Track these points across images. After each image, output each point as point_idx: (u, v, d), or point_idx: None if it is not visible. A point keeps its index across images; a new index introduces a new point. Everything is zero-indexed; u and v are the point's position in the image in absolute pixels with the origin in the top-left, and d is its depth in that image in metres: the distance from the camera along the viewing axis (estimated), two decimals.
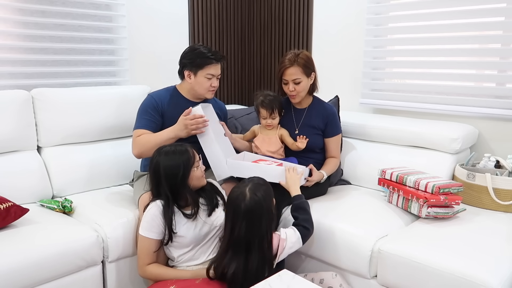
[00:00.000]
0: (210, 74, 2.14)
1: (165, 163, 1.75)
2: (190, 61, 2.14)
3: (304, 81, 2.20)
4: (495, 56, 2.38)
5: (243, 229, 1.62)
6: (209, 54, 2.13)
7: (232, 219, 1.66)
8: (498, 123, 2.38)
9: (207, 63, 2.12)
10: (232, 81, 3.55)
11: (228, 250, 1.66)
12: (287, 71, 2.18)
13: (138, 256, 1.81)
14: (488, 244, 1.72)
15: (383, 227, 1.91)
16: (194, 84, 2.16)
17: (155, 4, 2.95)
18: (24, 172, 2.17)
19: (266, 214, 1.66)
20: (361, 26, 2.83)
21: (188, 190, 1.79)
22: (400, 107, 2.68)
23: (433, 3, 2.50)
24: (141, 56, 2.86)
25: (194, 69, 2.13)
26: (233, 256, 1.64)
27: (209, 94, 2.20)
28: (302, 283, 1.43)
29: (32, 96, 2.27)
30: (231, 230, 1.66)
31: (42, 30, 2.49)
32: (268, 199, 1.69)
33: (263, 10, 3.41)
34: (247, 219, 1.63)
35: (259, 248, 1.64)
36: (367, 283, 1.84)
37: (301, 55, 2.19)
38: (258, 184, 1.71)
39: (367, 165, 2.45)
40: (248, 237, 1.63)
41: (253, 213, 1.63)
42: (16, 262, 1.63)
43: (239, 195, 1.66)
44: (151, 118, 2.13)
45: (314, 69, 2.26)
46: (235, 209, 1.65)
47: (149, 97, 2.20)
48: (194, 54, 2.14)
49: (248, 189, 1.66)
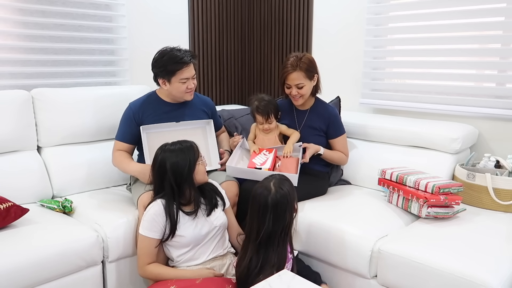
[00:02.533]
0: (183, 78, 2.10)
1: (172, 159, 1.76)
2: (161, 70, 2.11)
3: (307, 85, 2.21)
4: (495, 56, 2.38)
5: (271, 222, 1.67)
6: (178, 59, 2.07)
7: (258, 213, 1.69)
8: (498, 123, 2.38)
9: (178, 69, 2.07)
10: (232, 81, 3.55)
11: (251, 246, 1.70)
12: (290, 76, 2.18)
13: (138, 256, 1.81)
14: (488, 244, 1.72)
15: (383, 227, 1.91)
16: (171, 90, 2.15)
17: (155, 4, 2.95)
18: (24, 172, 2.17)
19: (290, 207, 1.72)
20: (361, 26, 2.83)
21: (192, 186, 1.80)
22: (400, 107, 2.68)
23: (433, 3, 2.50)
24: (141, 56, 2.86)
25: (166, 76, 2.10)
26: (257, 250, 1.69)
27: (187, 96, 2.18)
28: (302, 283, 1.43)
29: (32, 96, 2.27)
30: (258, 225, 1.69)
31: (42, 30, 2.49)
32: (292, 193, 1.75)
33: (263, 10, 3.41)
34: (274, 211, 1.67)
35: (282, 241, 1.70)
36: (367, 283, 1.84)
37: (303, 59, 2.19)
38: (282, 179, 1.76)
39: (367, 165, 2.45)
40: (274, 230, 1.68)
41: (280, 206, 1.68)
42: (16, 262, 1.63)
43: (264, 190, 1.70)
44: (126, 129, 2.18)
45: (317, 70, 2.26)
46: (262, 203, 1.68)
47: (127, 108, 2.21)
48: (163, 62, 2.09)
49: (272, 184, 1.71)
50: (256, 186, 1.76)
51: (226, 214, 1.95)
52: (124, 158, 2.16)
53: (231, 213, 2.02)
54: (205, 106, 2.34)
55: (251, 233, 1.72)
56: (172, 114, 2.21)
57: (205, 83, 3.36)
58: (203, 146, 2.22)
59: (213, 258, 1.87)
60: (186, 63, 2.08)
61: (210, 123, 2.28)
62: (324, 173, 2.39)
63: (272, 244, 1.69)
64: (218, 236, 1.89)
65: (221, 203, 1.93)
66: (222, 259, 1.89)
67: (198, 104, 2.30)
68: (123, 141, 2.18)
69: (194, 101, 2.28)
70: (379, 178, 2.20)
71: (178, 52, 2.10)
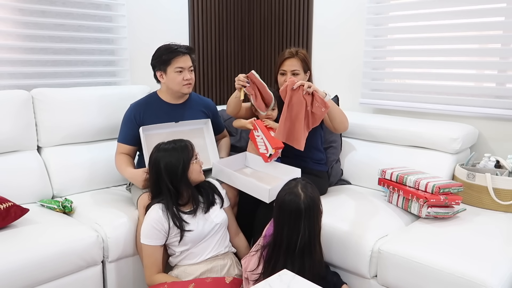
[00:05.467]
0: (179, 67, 2.11)
1: (165, 159, 1.77)
2: (157, 61, 2.15)
3: (301, 75, 2.26)
4: (495, 56, 2.38)
5: (306, 229, 1.62)
6: (173, 49, 2.11)
7: (290, 221, 1.63)
8: (498, 123, 2.38)
9: (173, 57, 2.10)
10: (232, 81, 3.54)
11: (281, 258, 1.64)
12: (287, 62, 2.25)
13: (145, 266, 1.81)
14: (488, 244, 1.72)
15: (383, 227, 1.91)
16: (168, 82, 2.16)
17: (155, 4, 2.95)
18: (24, 172, 2.17)
19: (319, 210, 1.69)
20: (361, 26, 2.83)
21: (188, 185, 1.80)
22: (400, 107, 2.68)
23: (433, 3, 2.50)
24: (141, 56, 2.86)
25: (162, 67, 2.14)
26: (290, 263, 1.63)
27: (184, 88, 2.17)
28: (302, 283, 1.43)
29: (32, 96, 2.27)
30: (290, 234, 1.63)
31: (42, 30, 2.49)
32: (318, 195, 1.71)
33: (263, 10, 3.41)
34: (308, 217, 1.63)
35: (314, 249, 1.66)
36: (367, 283, 1.84)
37: (301, 51, 2.28)
38: (306, 183, 1.71)
39: (367, 165, 2.45)
40: (309, 236, 1.63)
41: (312, 210, 1.64)
42: (16, 262, 1.63)
43: (294, 197, 1.64)
44: (128, 131, 2.18)
45: (310, 67, 2.32)
46: (293, 210, 1.62)
47: (128, 109, 2.23)
48: (159, 52, 2.15)
49: (300, 189, 1.66)
50: (282, 194, 1.69)
51: (225, 212, 1.95)
52: (122, 162, 2.15)
53: (230, 213, 2.02)
54: (205, 107, 2.34)
55: (283, 243, 1.65)
56: (173, 114, 2.21)
57: (205, 83, 3.35)
58: (201, 146, 2.22)
59: (214, 257, 1.87)
60: (181, 52, 2.11)
61: (208, 122, 2.28)
62: (324, 173, 2.39)
63: (308, 252, 1.64)
64: (218, 233, 1.89)
65: (219, 201, 1.93)
66: (223, 258, 1.89)
67: (198, 105, 2.31)
68: (125, 143, 2.19)
69: (194, 102, 2.29)
70: (379, 178, 2.21)
71: (175, 44, 2.15)
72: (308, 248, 1.65)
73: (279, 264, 1.64)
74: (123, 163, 2.15)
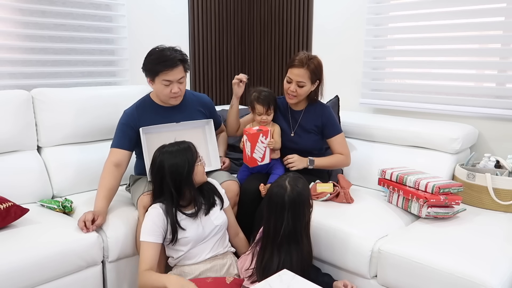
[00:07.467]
0: (166, 80, 2.01)
1: (170, 161, 1.75)
2: (145, 68, 2.07)
3: (307, 86, 2.18)
4: (495, 56, 2.38)
5: (290, 220, 1.68)
6: (163, 60, 1.99)
7: (276, 212, 1.70)
8: (498, 123, 2.38)
9: (161, 70, 1.99)
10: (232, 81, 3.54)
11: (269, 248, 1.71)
12: (295, 70, 2.15)
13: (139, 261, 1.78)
14: (488, 244, 1.72)
15: (383, 227, 1.91)
16: (156, 90, 2.10)
17: (155, 4, 2.96)
18: (24, 172, 2.17)
19: (307, 204, 1.73)
20: (361, 26, 2.83)
21: (192, 187, 1.80)
22: (400, 107, 2.68)
23: (433, 3, 2.50)
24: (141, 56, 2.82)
25: (150, 76, 2.05)
26: (278, 250, 1.69)
27: (172, 100, 2.10)
28: (302, 283, 1.43)
29: (32, 96, 2.27)
30: (276, 224, 1.70)
31: (42, 30, 2.49)
32: (307, 189, 1.76)
33: (263, 10, 3.41)
34: (292, 209, 1.68)
35: (301, 240, 1.71)
36: (367, 283, 1.84)
37: (314, 60, 2.17)
38: (296, 177, 1.76)
39: (367, 165, 2.45)
40: (294, 228, 1.69)
41: (297, 204, 1.69)
42: (16, 262, 1.63)
43: (280, 189, 1.71)
44: (123, 135, 2.10)
45: (321, 76, 2.22)
46: (279, 202, 1.69)
47: (122, 116, 2.15)
48: (150, 60, 2.04)
49: (287, 182, 1.72)
50: (271, 186, 1.78)
51: (225, 213, 1.95)
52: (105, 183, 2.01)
53: (230, 213, 2.02)
54: (202, 106, 2.29)
55: (270, 233, 1.72)
56: (169, 117, 2.16)
57: (205, 83, 3.36)
58: (203, 146, 2.22)
59: (214, 257, 1.87)
60: (170, 66, 1.99)
61: (209, 123, 2.26)
62: (324, 173, 2.39)
63: (294, 242, 1.70)
64: (218, 234, 1.89)
65: (219, 202, 1.93)
66: (223, 258, 1.89)
67: (194, 105, 2.26)
68: (120, 147, 2.09)
69: (190, 101, 2.24)
70: (379, 178, 2.21)
71: (168, 52, 2.03)
72: (294, 238, 1.70)
73: (267, 253, 1.71)
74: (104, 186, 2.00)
